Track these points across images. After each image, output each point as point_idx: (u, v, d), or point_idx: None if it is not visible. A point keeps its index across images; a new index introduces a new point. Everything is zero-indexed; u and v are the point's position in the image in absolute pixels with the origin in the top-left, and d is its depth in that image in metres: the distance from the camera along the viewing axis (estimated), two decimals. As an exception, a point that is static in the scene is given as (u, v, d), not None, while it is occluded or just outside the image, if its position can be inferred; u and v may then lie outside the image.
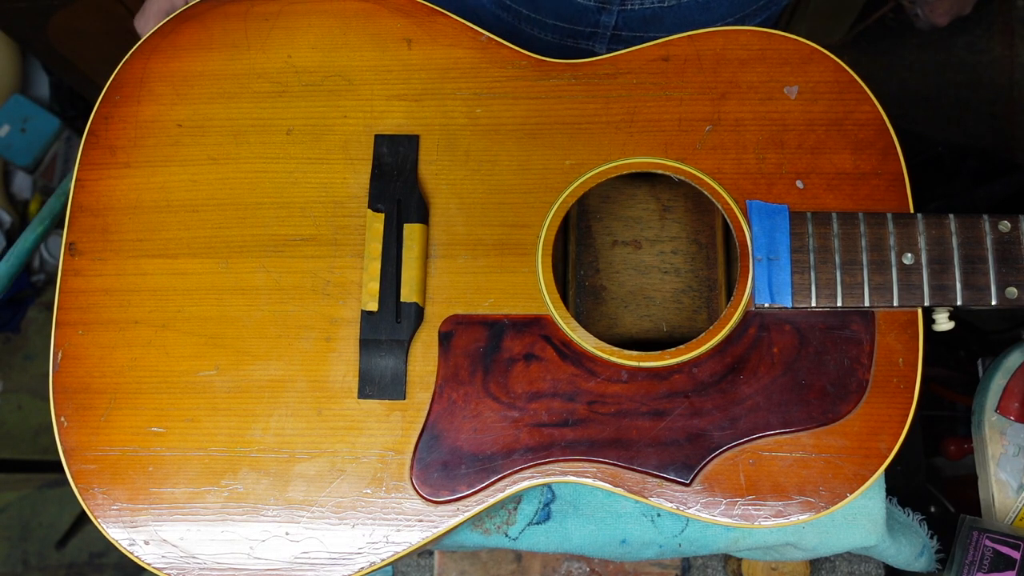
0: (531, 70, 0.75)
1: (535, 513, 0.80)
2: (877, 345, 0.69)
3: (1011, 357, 0.84)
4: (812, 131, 0.73)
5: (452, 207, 0.74)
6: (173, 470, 0.70)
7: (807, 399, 0.68)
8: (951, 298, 0.69)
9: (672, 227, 0.83)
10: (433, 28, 0.76)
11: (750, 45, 0.74)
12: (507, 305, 0.71)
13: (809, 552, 0.79)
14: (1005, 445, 0.82)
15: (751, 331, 0.70)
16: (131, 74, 0.77)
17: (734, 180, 0.72)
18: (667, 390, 0.69)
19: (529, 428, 0.69)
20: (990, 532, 0.79)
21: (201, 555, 0.69)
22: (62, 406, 0.71)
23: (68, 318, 0.73)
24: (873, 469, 0.67)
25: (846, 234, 0.70)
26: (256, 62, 0.76)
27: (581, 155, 0.74)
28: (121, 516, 0.70)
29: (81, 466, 0.70)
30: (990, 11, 2.01)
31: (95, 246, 0.74)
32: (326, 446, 0.70)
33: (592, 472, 0.69)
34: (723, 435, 0.68)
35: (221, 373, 0.71)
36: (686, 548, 0.79)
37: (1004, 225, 0.70)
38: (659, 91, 0.74)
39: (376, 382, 0.71)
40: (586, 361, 0.70)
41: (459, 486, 0.69)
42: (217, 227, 0.74)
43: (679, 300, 0.81)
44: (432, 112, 0.75)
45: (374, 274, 0.71)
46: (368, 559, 0.68)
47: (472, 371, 0.70)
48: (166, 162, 0.75)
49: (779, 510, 0.67)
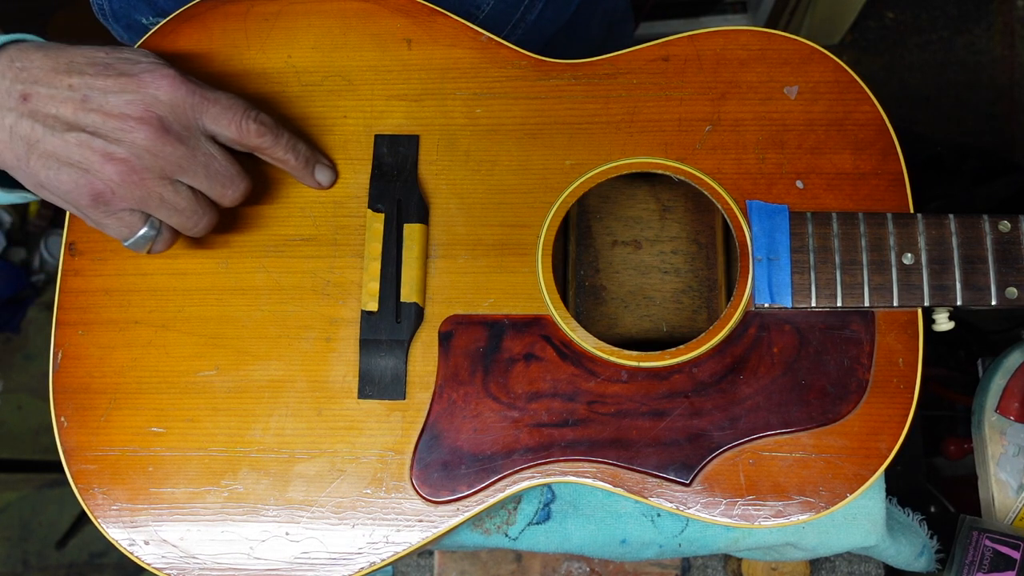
0: (531, 70, 0.75)
1: (535, 513, 0.80)
2: (877, 345, 0.69)
3: (1011, 357, 0.84)
4: (812, 131, 0.73)
5: (452, 207, 0.74)
6: (173, 470, 0.70)
7: (807, 399, 0.68)
8: (951, 298, 0.69)
9: (672, 227, 0.83)
10: (433, 28, 0.76)
11: (750, 45, 0.74)
12: (507, 305, 0.71)
13: (809, 552, 0.79)
14: (1005, 445, 0.82)
15: (751, 331, 0.70)
16: (131, 74, 0.77)
17: (734, 180, 0.72)
18: (667, 390, 0.69)
19: (529, 428, 0.69)
20: (990, 532, 0.79)
21: (201, 555, 0.69)
22: (62, 406, 0.71)
23: (68, 318, 0.73)
24: (873, 469, 0.67)
25: (846, 234, 0.70)
26: (256, 62, 0.76)
27: (581, 155, 0.74)
28: (121, 516, 0.70)
29: (81, 466, 0.70)
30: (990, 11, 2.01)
31: (95, 246, 0.74)
32: (326, 446, 0.70)
33: (592, 472, 0.69)
34: (723, 435, 0.68)
35: (221, 373, 0.71)
36: (686, 548, 0.79)
37: (1004, 225, 0.70)
38: (659, 91, 0.74)
39: (376, 382, 0.71)
40: (586, 361, 0.70)
41: (459, 486, 0.69)
42: (217, 227, 0.74)
43: (679, 300, 0.81)
44: (432, 112, 0.75)
45: (374, 274, 0.71)
46: (368, 559, 0.68)
47: (472, 371, 0.70)
48: (166, 162, 0.75)
49: (779, 510, 0.67)
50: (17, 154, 0.62)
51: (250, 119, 0.66)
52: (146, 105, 0.62)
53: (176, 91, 0.63)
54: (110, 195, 0.63)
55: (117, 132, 0.62)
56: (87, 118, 0.62)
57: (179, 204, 0.65)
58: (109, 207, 0.63)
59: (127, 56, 0.65)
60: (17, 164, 0.63)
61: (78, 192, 0.62)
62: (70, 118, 0.62)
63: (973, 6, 2.02)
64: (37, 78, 0.62)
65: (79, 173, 0.62)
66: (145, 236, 0.66)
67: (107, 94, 0.62)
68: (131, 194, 0.63)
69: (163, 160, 0.63)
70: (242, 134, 0.67)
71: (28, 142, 0.62)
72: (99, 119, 0.62)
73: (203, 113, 0.65)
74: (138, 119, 0.62)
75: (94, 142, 0.61)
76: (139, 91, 0.62)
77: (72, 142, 0.61)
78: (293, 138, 0.70)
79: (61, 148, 0.61)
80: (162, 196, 0.64)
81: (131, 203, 0.64)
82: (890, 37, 2.02)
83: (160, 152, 0.63)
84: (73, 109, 0.62)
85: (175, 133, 0.63)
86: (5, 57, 0.63)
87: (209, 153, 0.65)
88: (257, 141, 0.67)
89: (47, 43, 0.65)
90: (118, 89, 0.62)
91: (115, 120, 0.62)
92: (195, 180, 0.65)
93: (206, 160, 0.65)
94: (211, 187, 0.66)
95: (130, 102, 0.62)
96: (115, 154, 0.62)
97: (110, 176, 0.62)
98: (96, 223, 0.65)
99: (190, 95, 0.64)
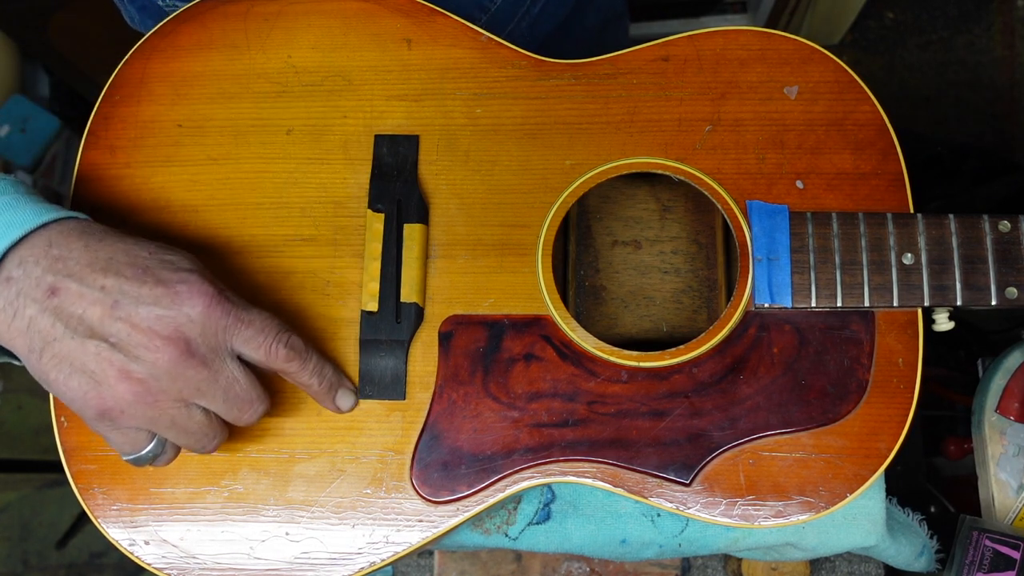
0: (531, 70, 0.75)
1: (535, 513, 0.80)
2: (877, 345, 0.69)
3: (1011, 357, 0.84)
4: (812, 131, 0.73)
5: (452, 207, 0.74)
6: (173, 470, 0.70)
7: (807, 399, 0.68)
8: (951, 298, 0.69)
9: (672, 227, 0.83)
10: (433, 28, 0.76)
11: (750, 45, 0.74)
12: (507, 305, 0.71)
13: (809, 552, 0.79)
14: (1005, 445, 0.82)
15: (751, 331, 0.70)
16: (131, 74, 0.77)
17: (734, 180, 0.72)
18: (667, 390, 0.69)
19: (529, 428, 0.69)
20: (990, 532, 0.79)
21: (201, 555, 0.69)
22: (62, 406, 0.71)
23: (68, 318, 0.73)
24: (873, 469, 0.67)
25: (846, 234, 0.70)
26: (256, 62, 0.76)
27: (581, 155, 0.74)
28: (121, 516, 0.70)
29: (81, 466, 0.70)
30: (990, 11, 2.01)
31: (95, 246, 0.74)
32: (326, 446, 0.70)
33: (592, 472, 0.69)
34: (723, 435, 0.68)
35: (221, 373, 0.71)
36: (686, 548, 0.79)
37: (1004, 225, 0.70)
38: (659, 91, 0.74)
39: (376, 382, 0.71)
40: (586, 361, 0.70)
41: (459, 486, 0.69)
42: (217, 227, 0.74)
43: (679, 300, 0.81)
44: (432, 112, 0.75)
45: (374, 274, 0.71)
46: (368, 559, 0.68)
47: (472, 371, 0.70)
48: (166, 162, 0.75)
49: (779, 510, 0.67)
50: (31, 346, 0.59)
51: (281, 343, 0.63)
52: (176, 325, 0.59)
53: (211, 312, 0.60)
54: (118, 413, 0.59)
55: (139, 349, 0.58)
56: (113, 327, 0.58)
57: (190, 427, 0.62)
58: (115, 423, 0.60)
59: (169, 259, 0.62)
60: (28, 356, 0.59)
61: (84, 402, 0.59)
62: (95, 324, 0.58)
63: (973, 6, 2.02)
64: (72, 272, 0.59)
65: (90, 384, 0.58)
66: (148, 455, 0.63)
67: (139, 304, 0.59)
68: (141, 414, 0.60)
69: (182, 383, 0.60)
70: (270, 358, 0.63)
71: (45, 338, 0.58)
72: (125, 330, 0.58)
73: (235, 335, 0.62)
74: (164, 338, 0.59)
75: (114, 356, 0.58)
76: (172, 307, 0.59)
77: (91, 351, 0.58)
78: (320, 362, 0.67)
79: (78, 354, 0.58)
80: (174, 419, 0.61)
81: (139, 422, 0.60)
82: (890, 37, 2.03)
83: (180, 375, 0.59)
84: (100, 314, 0.58)
85: (200, 356, 0.60)
86: (43, 241, 0.60)
87: (232, 377, 0.62)
88: (284, 366, 0.64)
89: (91, 228, 0.62)
90: (151, 300, 0.59)
91: (141, 335, 0.58)
92: (212, 404, 0.62)
93: (227, 384, 0.62)
94: (228, 411, 0.63)
95: (160, 318, 0.59)
96: (133, 373, 0.58)
97: (122, 395, 0.59)
98: (97, 431, 0.62)
99: (224, 316, 0.61)
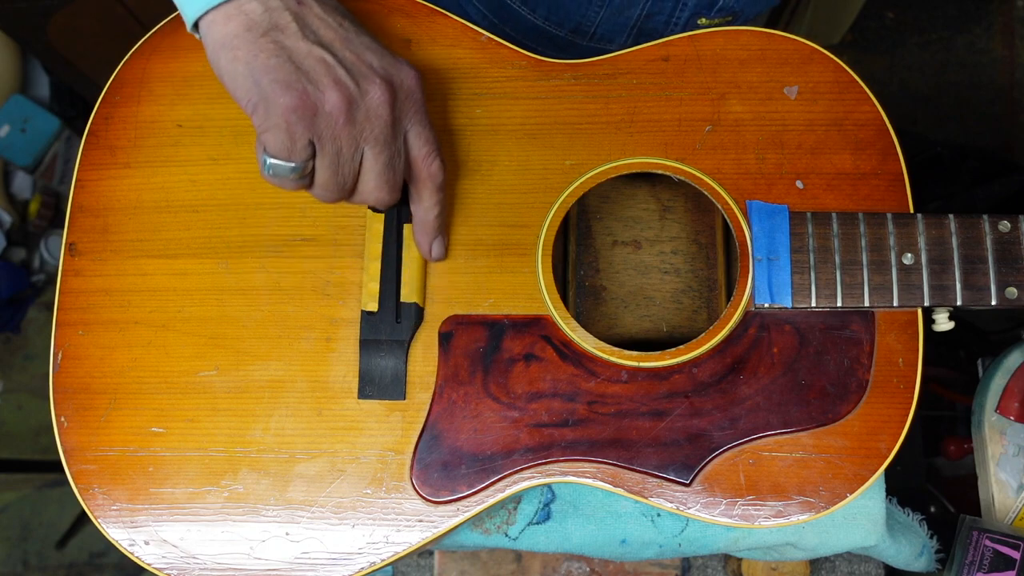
0: (531, 70, 0.75)
1: (535, 513, 0.80)
2: (877, 345, 0.69)
3: (1011, 357, 0.84)
4: (812, 131, 0.73)
5: (452, 207, 0.74)
6: (173, 470, 0.70)
7: (807, 399, 0.68)
8: (951, 298, 0.69)
9: (672, 227, 0.83)
10: (433, 28, 0.76)
11: (750, 45, 0.74)
12: (507, 305, 0.71)
13: (809, 552, 0.79)
14: (1005, 445, 0.82)
15: (751, 331, 0.70)
16: (131, 74, 0.77)
17: (734, 180, 0.72)
18: (667, 390, 0.69)
19: (529, 428, 0.69)
20: (990, 532, 0.79)
21: (201, 555, 0.69)
22: (62, 406, 0.71)
23: (68, 318, 0.73)
24: (873, 469, 0.67)
25: (846, 234, 0.70)
26: (256, 62, 0.76)
27: (581, 155, 0.74)
28: (121, 516, 0.70)
29: (81, 466, 0.70)
30: (990, 11, 2.01)
31: (95, 246, 0.74)
32: (326, 446, 0.70)
33: (592, 472, 0.69)
34: (723, 435, 0.68)
35: (221, 373, 0.71)
36: (686, 548, 0.79)
37: (1004, 225, 0.70)
38: (659, 91, 0.74)
39: (376, 382, 0.71)
40: (586, 361, 0.70)
41: (459, 486, 0.69)
42: (217, 227, 0.74)
43: (679, 300, 0.81)
44: (432, 112, 0.75)
45: (374, 274, 0.72)
46: (368, 559, 0.68)
47: (472, 371, 0.70)
48: (166, 162, 0.75)
49: (779, 510, 0.67)
50: (253, 24, 0.59)
51: (437, 156, 0.67)
52: (392, 76, 0.63)
53: (416, 88, 0.64)
54: (311, 115, 0.59)
55: (361, 78, 0.61)
56: (341, 51, 0.61)
57: (343, 165, 0.62)
58: (296, 122, 0.59)
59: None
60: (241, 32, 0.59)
61: (285, 89, 0.58)
62: (326, 41, 0.60)
63: (973, 6, 2.02)
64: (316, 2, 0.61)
65: (302, 81, 0.59)
66: (295, 167, 0.61)
67: (367, 49, 0.62)
68: (326, 126, 0.60)
69: (372, 124, 0.62)
70: (426, 163, 0.66)
71: (275, 25, 0.59)
72: (352, 58, 0.61)
73: (416, 122, 0.65)
74: (383, 79, 0.62)
75: (339, 69, 0.60)
76: (392, 67, 0.63)
77: (317, 55, 0.60)
78: (444, 203, 0.70)
79: (304, 53, 0.59)
80: (342, 149, 0.61)
81: (318, 132, 0.60)
82: (890, 37, 2.03)
83: (376, 116, 0.62)
84: (333, 37, 0.61)
85: (396, 114, 0.63)
86: None
87: (401, 151, 0.65)
88: (428, 174, 0.67)
89: None
90: (378, 55, 0.63)
91: (366, 68, 0.61)
92: (373, 162, 0.63)
93: (396, 152, 0.64)
94: (378, 175, 0.64)
95: (382, 66, 0.62)
96: (348, 89, 0.60)
97: (328, 100, 0.59)
98: (262, 125, 0.60)
99: (422, 101, 0.65)
